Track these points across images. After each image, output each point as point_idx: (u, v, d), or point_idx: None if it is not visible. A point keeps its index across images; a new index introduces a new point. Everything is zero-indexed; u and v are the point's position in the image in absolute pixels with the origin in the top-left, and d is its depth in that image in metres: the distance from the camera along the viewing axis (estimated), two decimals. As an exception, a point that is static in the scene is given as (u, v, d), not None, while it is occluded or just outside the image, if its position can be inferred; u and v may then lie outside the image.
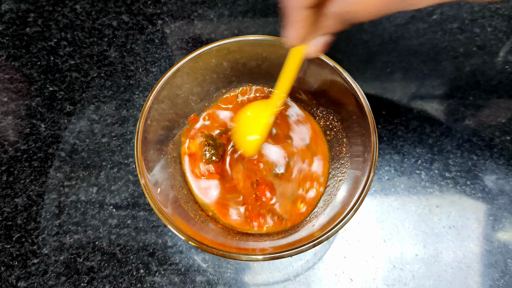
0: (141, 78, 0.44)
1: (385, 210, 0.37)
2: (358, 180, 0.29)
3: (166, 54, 0.46)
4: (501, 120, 0.42)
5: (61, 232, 0.36)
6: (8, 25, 0.47)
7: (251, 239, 0.31)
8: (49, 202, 0.37)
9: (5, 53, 0.45)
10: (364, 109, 0.30)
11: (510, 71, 0.45)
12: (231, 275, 0.34)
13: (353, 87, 0.30)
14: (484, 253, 0.35)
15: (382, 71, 0.45)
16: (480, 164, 0.39)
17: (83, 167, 0.39)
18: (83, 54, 0.46)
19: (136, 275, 0.34)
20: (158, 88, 0.31)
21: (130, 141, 0.40)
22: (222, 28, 0.48)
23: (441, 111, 0.42)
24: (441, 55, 0.46)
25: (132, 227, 0.36)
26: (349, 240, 0.35)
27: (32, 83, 0.44)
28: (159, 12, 0.49)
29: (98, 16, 0.48)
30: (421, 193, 0.38)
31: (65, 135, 0.41)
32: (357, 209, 0.27)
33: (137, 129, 0.29)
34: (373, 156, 0.28)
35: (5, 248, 0.35)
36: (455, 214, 0.37)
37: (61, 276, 0.34)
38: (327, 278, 0.34)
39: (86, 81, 0.44)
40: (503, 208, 0.37)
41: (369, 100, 0.30)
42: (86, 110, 0.42)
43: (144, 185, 0.27)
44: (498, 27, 0.47)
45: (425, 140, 0.40)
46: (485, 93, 0.43)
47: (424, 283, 0.34)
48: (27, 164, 0.39)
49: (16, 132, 0.41)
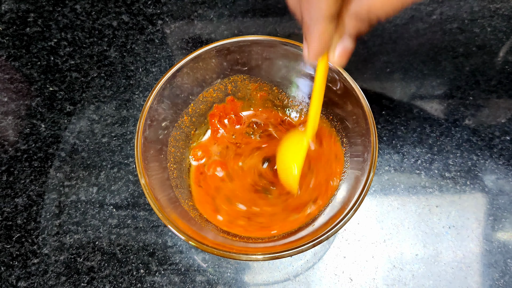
0: (141, 78, 0.44)
1: (385, 210, 0.37)
2: (358, 180, 0.29)
3: (166, 54, 0.46)
4: (501, 120, 0.42)
5: (61, 232, 0.36)
6: (8, 25, 0.47)
7: (251, 239, 0.31)
8: (49, 202, 0.37)
9: (5, 53, 0.45)
10: (364, 109, 0.30)
11: (510, 71, 0.45)
12: (231, 275, 0.34)
13: (353, 87, 0.30)
14: (484, 253, 0.35)
15: (382, 71, 0.45)
16: (480, 164, 0.39)
17: (83, 167, 0.39)
18: (83, 54, 0.46)
19: (136, 275, 0.34)
20: (158, 88, 0.31)
21: (130, 141, 0.40)
22: (222, 28, 0.48)
23: (441, 111, 0.42)
24: (441, 55, 0.46)
25: (132, 227, 0.36)
26: (349, 240, 0.36)
27: (32, 83, 0.44)
28: (159, 12, 0.49)
29: (98, 16, 0.48)
30: (421, 193, 0.38)
31: (65, 135, 0.41)
32: (357, 209, 0.27)
33: (137, 129, 0.29)
34: (373, 156, 0.28)
35: (5, 248, 0.35)
36: (455, 214, 0.37)
37: (61, 276, 0.34)
38: (327, 278, 0.34)
39: (86, 81, 0.44)
40: (503, 208, 0.37)
41: (369, 100, 0.30)
42: (86, 110, 0.42)
43: (144, 185, 0.27)
44: (498, 27, 0.47)
45: (425, 140, 0.40)
46: (485, 93, 0.43)
47: (424, 283, 0.34)
48: (27, 164, 0.39)
49: (16, 132, 0.41)
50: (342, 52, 0.24)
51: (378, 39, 0.47)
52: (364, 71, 0.45)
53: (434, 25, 0.48)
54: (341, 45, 0.23)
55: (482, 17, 0.48)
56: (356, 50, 0.46)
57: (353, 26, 0.22)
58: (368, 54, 0.46)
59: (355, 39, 0.23)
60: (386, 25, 0.48)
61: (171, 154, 0.34)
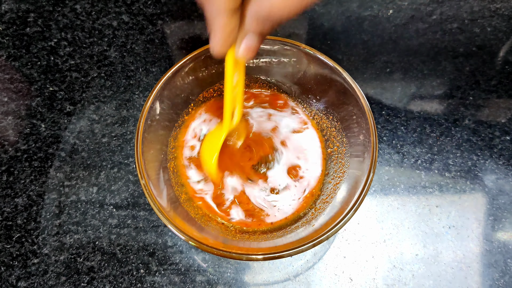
0: (141, 78, 0.44)
1: (385, 210, 0.37)
2: (358, 180, 0.29)
3: (166, 54, 0.46)
4: (501, 120, 0.42)
5: (61, 232, 0.36)
6: (8, 25, 0.47)
7: (251, 239, 0.31)
8: (49, 202, 0.37)
9: (5, 53, 0.45)
10: (364, 109, 0.30)
11: (510, 71, 0.45)
12: (231, 275, 0.34)
13: (353, 87, 0.30)
14: (484, 253, 0.35)
15: (382, 71, 0.45)
16: (480, 164, 0.39)
17: (83, 167, 0.39)
18: (83, 54, 0.46)
19: (136, 275, 0.34)
20: (158, 88, 0.31)
21: (130, 141, 0.40)
22: (222, 28, 0.48)
23: (441, 111, 0.42)
24: (441, 55, 0.46)
25: (132, 227, 0.36)
26: (349, 240, 0.36)
27: (32, 83, 0.44)
28: (159, 12, 0.49)
29: (98, 16, 0.48)
30: (421, 193, 0.38)
31: (65, 135, 0.41)
32: (357, 209, 0.27)
33: (137, 129, 0.29)
34: (373, 156, 0.28)
35: (5, 248, 0.35)
36: (455, 214, 0.37)
37: (61, 276, 0.34)
38: (327, 278, 0.34)
39: (86, 81, 0.44)
40: (503, 208, 0.37)
41: (369, 100, 0.30)
42: (86, 110, 0.42)
43: (144, 185, 0.27)
44: (498, 27, 0.47)
45: (425, 140, 0.40)
46: (485, 93, 0.43)
47: (424, 283, 0.34)
48: (27, 164, 0.39)
49: (16, 132, 0.41)
50: (246, 48, 0.23)
51: (378, 39, 0.47)
52: (364, 71, 0.45)
53: (434, 25, 0.48)
54: (245, 41, 0.23)
55: (482, 17, 0.48)
56: (356, 50, 0.46)
57: (255, 25, 0.21)
58: (368, 54, 0.46)
59: (262, 37, 0.23)
60: (386, 25, 0.48)
61: (171, 154, 0.34)
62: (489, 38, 0.47)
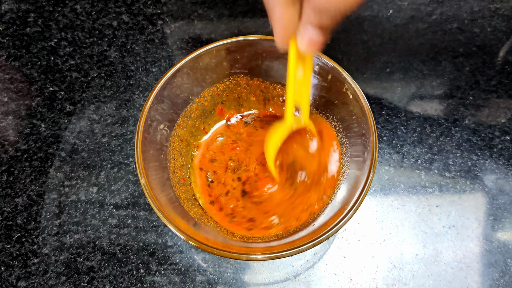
0: (141, 78, 0.44)
1: (385, 210, 0.37)
2: (358, 180, 0.29)
3: (166, 54, 0.46)
4: (501, 120, 0.42)
5: (61, 232, 0.36)
6: (8, 25, 0.47)
7: (251, 239, 0.31)
8: (49, 202, 0.37)
9: (5, 53, 0.46)
10: (364, 109, 0.30)
11: (510, 71, 0.45)
12: (231, 274, 0.34)
13: (353, 87, 0.30)
14: (484, 253, 0.35)
15: (382, 71, 0.45)
16: (480, 164, 0.39)
17: (83, 167, 0.39)
18: (83, 54, 0.46)
19: (136, 275, 0.34)
20: (158, 88, 0.31)
21: (130, 141, 0.40)
22: (222, 28, 0.48)
23: (441, 111, 0.42)
24: (441, 55, 0.46)
25: (132, 227, 0.36)
26: (349, 240, 0.36)
27: (32, 83, 0.44)
28: (159, 12, 0.49)
29: (98, 16, 0.48)
30: (420, 193, 0.38)
31: (65, 135, 0.41)
32: (357, 209, 0.27)
33: (137, 129, 0.29)
34: (373, 156, 0.28)
35: (5, 248, 0.35)
36: (455, 214, 0.37)
37: (61, 276, 0.34)
38: (327, 278, 0.34)
39: (86, 81, 0.44)
40: (503, 208, 0.37)
41: (369, 100, 0.30)
42: (86, 110, 0.42)
43: (144, 185, 0.27)
44: (498, 27, 0.47)
45: (425, 140, 0.40)
46: (485, 93, 0.43)
47: (424, 283, 0.34)
48: (27, 164, 0.39)
49: (16, 132, 0.41)
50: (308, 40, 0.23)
51: (378, 39, 0.47)
52: (364, 71, 0.45)
53: (434, 25, 0.48)
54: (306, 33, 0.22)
55: (482, 17, 0.48)
56: (356, 50, 0.46)
57: (312, 17, 0.21)
58: (368, 54, 0.46)
59: (325, 32, 0.22)
60: (386, 25, 0.48)
61: (172, 154, 0.34)
62: (489, 38, 0.47)
